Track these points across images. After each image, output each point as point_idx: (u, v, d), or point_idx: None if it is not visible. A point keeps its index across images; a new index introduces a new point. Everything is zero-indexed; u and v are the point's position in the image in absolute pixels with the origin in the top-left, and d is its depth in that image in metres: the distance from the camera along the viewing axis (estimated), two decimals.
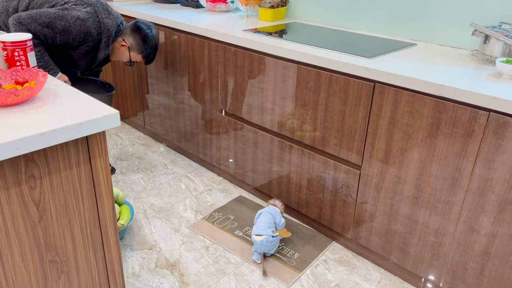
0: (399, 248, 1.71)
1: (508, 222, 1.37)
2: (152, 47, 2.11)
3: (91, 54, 2.02)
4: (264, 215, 1.87)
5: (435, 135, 1.45)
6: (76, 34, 1.87)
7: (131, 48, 2.07)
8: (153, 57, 2.15)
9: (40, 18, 1.80)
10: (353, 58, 1.65)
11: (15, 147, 0.91)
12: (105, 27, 1.95)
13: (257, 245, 1.79)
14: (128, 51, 2.07)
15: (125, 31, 2.06)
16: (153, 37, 2.11)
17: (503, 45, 1.60)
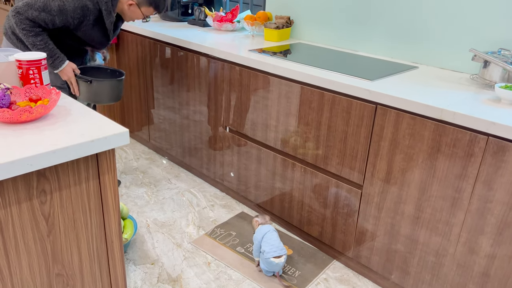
0: (400, 268, 1.72)
1: (507, 244, 1.39)
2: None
3: (98, 26, 1.99)
4: (272, 234, 1.87)
5: (435, 157, 1.48)
6: (73, 12, 1.85)
7: (139, 4, 2.03)
8: (164, 3, 2.09)
9: (35, 3, 1.79)
10: (356, 80, 1.70)
11: (29, 163, 0.94)
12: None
13: (277, 267, 1.81)
14: (138, 7, 2.04)
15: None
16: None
17: (502, 70, 1.64)
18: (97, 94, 2.03)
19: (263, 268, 1.86)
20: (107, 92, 2.05)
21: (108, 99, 2.08)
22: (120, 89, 2.12)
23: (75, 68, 1.99)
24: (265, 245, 1.83)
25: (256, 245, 1.87)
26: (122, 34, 2.88)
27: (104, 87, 2.04)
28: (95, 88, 2.01)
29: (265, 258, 1.81)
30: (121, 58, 3.00)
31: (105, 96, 2.05)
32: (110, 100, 2.09)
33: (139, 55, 2.78)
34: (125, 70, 2.99)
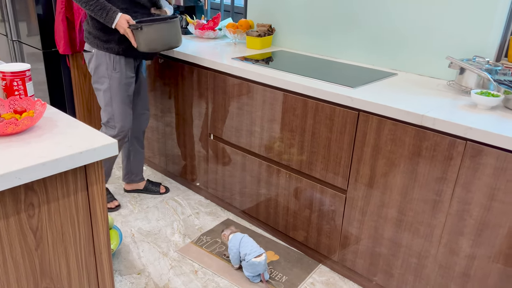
0: (384, 270, 1.76)
1: (485, 245, 1.44)
2: None
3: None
4: (248, 238, 1.90)
5: (416, 161, 1.53)
6: None
7: None
8: None
9: None
10: (338, 87, 1.74)
11: (17, 177, 0.93)
12: None
13: (260, 266, 1.83)
14: None
15: None
16: None
17: (477, 77, 1.71)
18: (151, 40, 1.95)
19: (249, 275, 1.87)
20: (160, 36, 1.97)
21: (163, 44, 1.99)
22: (174, 32, 2.02)
23: (129, 19, 1.95)
24: (243, 249, 1.86)
25: (234, 253, 1.89)
26: None
27: (155, 31, 1.95)
28: (146, 34, 1.93)
29: (246, 262, 1.83)
30: None
31: (160, 41, 1.97)
32: (165, 45, 2.01)
33: None
34: None
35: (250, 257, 1.82)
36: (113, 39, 2.04)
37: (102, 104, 2.15)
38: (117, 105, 2.13)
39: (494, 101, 1.52)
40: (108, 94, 2.11)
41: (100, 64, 2.09)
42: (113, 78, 2.10)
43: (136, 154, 2.48)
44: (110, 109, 2.13)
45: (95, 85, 2.15)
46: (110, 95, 2.11)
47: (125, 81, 2.13)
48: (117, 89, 2.12)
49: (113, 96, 2.12)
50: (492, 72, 1.69)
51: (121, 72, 2.10)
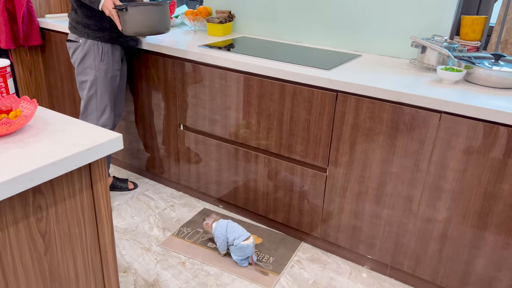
0: (366, 242, 1.87)
1: (460, 208, 1.59)
2: None
3: None
4: (233, 223, 1.92)
5: (394, 136, 1.64)
6: None
7: None
8: None
9: None
10: (314, 70, 1.79)
11: (29, 179, 0.88)
12: None
13: (249, 249, 1.86)
14: None
15: None
16: None
17: (438, 54, 1.85)
18: (136, 22, 1.87)
19: (238, 259, 1.90)
20: (146, 19, 1.88)
21: (149, 27, 1.91)
22: (162, 17, 1.94)
23: (116, 0, 1.87)
24: (231, 235, 1.88)
25: (222, 240, 1.90)
26: (49, 34, 2.69)
27: (141, 13, 1.87)
28: (132, 15, 1.85)
29: (235, 246, 1.86)
30: (49, 62, 2.80)
31: (146, 25, 1.89)
32: (152, 29, 1.92)
33: None
34: (56, 75, 2.79)
35: (239, 241, 1.84)
36: (105, 27, 2.00)
37: (85, 97, 2.08)
38: (101, 99, 2.08)
39: (458, 75, 1.66)
40: (94, 87, 2.04)
41: (87, 54, 2.02)
42: (100, 70, 2.04)
43: None
44: (94, 102, 2.06)
45: (79, 77, 2.08)
46: (96, 88, 2.05)
47: (112, 73, 2.08)
48: (102, 82, 2.06)
49: (98, 89, 2.05)
50: (450, 49, 1.83)
51: (108, 64, 2.05)
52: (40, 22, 2.69)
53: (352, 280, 1.87)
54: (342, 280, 1.87)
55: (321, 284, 1.84)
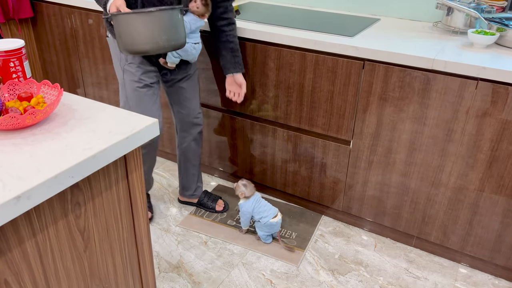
0: (391, 214, 1.84)
1: (494, 177, 1.55)
2: None
3: None
4: (261, 201, 1.85)
5: (426, 105, 1.57)
6: None
7: None
8: None
9: None
10: (338, 38, 1.69)
11: (70, 175, 0.80)
12: None
13: (277, 226, 1.83)
14: None
15: None
16: None
17: (465, 16, 1.76)
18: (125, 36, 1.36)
19: (263, 235, 1.86)
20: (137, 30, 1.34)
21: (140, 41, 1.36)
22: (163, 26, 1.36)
23: (120, 5, 1.38)
24: (259, 213, 1.82)
25: (246, 217, 1.86)
26: (40, 5, 2.50)
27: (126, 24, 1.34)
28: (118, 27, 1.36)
29: (263, 223, 1.81)
30: (42, 36, 2.62)
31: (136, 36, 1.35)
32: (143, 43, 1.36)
33: (66, 31, 2.44)
34: (50, 49, 2.62)
35: (268, 219, 1.79)
36: None
37: (121, 101, 1.74)
38: (134, 106, 1.67)
39: (491, 39, 1.58)
40: (124, 91, 1.69)
41: (114, 54, 1.69)
42: (126, 72, 1.65)
43: (187, 168, 2.04)
44: (127, 108, 1.71)
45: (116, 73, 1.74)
46: (126, 94, 1.68)
47: (138, 84, 1.65)
48: (130, 88, 1.66)
49: (128, 95, 1.67)
50: (478, 11, 1.74)
51: (135, 69, 1.64)
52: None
53: (378, 252, 1.85)
54: (368, 252, 1.85)
55: (347, 258, 1.82)
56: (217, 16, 1.75)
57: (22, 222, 0.78)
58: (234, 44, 1.78)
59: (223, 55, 1.80)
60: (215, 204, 2.08)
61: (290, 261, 1.79)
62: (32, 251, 0.81)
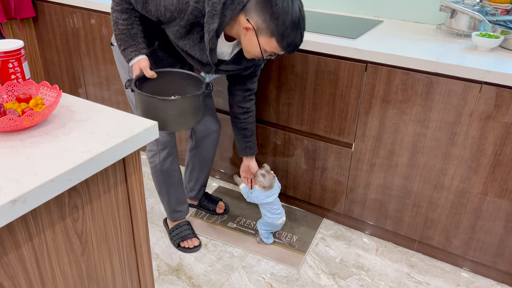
0: (393, 217, 1.82)
1: (497, 182, 1.53)
2: (287, 22, 1.28)
3: (195, 35, 1.37)
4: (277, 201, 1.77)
5: (429, 108, 1.55)
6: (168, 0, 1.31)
7: (258, 30, 1.31)
8: (294, 40, 1.32)
9: None
10: (340, 39, 1.68)
11: (67, 179, 0.78)
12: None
13: (280, 226, 1.81)
14: (256, 35, 1.33)
15: (250, 6, 1.31)
16: (288, 7, 1.28)
17: (469, 19, 1.74)
18: (145, 112, 1.35)
19: (264, 232, 1.83)
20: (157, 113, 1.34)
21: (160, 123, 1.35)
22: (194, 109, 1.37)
23: (144, 68, 1.37)
24: (269, 211, 1.76)
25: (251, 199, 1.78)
26: (42, 5, 2.50)
27: (141, 102, 1.34)
28: (141, 102, 1.34)
29: (268, 222, 1.78)
30: (43, 35, 2.62)
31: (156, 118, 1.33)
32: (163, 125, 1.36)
33: (68, 30, 2.44)
34: (51, 49, 2.62)
35: (274, 220, 1.76)
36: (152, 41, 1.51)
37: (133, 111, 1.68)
38: None
39: (496, 42, 1.56)
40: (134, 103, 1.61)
41: (120, 64, 1.63)
42: None
43: (197, 172, 1.99)
44: None
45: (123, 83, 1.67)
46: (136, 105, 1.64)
47: None
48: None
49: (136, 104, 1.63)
50: (482, 13, 1.72)
51: None
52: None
53: (380, 256, 1.84)
54: (369, 256, 1.83)
55: (348, 262, 1.80)
56: (234, 104, 1.69)
57: (18, 226, 0.77)
58: (248, 130, 1.73)
59: (236, 137, 1.78)
60: (215, 206, 2.06)
61: (290, 265, 1.77)
62: (29, 255, 0.80)
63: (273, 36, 1.31)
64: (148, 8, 1.35)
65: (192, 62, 1.49)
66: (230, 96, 1.69)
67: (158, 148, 1.69)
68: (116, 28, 1.39)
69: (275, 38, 1.31)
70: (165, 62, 1.56)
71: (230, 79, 1.67)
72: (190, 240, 1.84)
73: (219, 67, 1.51)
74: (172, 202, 1.82)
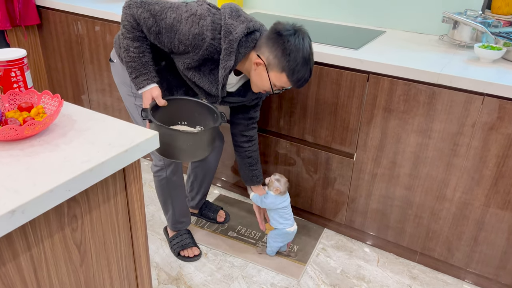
0: (395, 228, 1.81)
1: (500, 194, 1.52)
2: (299, 59, 1.31)
3: (207, 69, 1.40)
4: (289, 207, 1.76)
5: (431, 119, 1.55)
6: (183, 34, 1.32)
7: (268, 66, 1.35)
8: (304, 75, 1.35)
9: (151, 3, 1.35)
10: (343, 50, 1.68)
11: (67, 189, 0.78)
12: (226, 29, 1.32)
13: (292, 236, 1.78)
14: (266, 70, 1.37)
15: (261, 43, 1.37)
16: (300, 44, 1.32)
17: (471, 30, 1.74)
18: (162, 143, 1.34)
19: (275, 246, 1.80)
20: (176, 144, 1.35)
21: (178, 154, 1.37)
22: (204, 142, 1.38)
23: (157, 97, 1.40)
24: (282, 216, 1.73)
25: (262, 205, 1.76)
26: (46, 12, 2.52)
27: (170, 136, 1.34)
28: (162, 134, 1.33)
29: (280, 229, 1.74)
30: (48, 42, 2.63)
31: (174, 149, 1.36)
32: (180, 156, 1.38)
33: (72, 38, 2.45)
34: (55, 56, 2.63)
35: (285, 226, 1.73)
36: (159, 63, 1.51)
37: None
38: None
39: (498, 54, 1.56)
40: (139, 117, 1.64)
41: (121, 80, 1.61)
42: (139, 97, 1.59)
43: (199, 182, 1.98)
44: None
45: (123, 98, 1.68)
46: (137, 121, 1.65)
47: None
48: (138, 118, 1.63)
49: (140, 121, 1.63)
50: (485, 25, 1.72)
51: None
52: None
53: (381, 268, 1.82)
54: (370, 268, 1.82)
55: (349, 273, 1.79)
56: (237, 133, 1.69)
57: (17, 236, 0.77)
58: (253, 158, 1.72)
59: (240, 167, 1.76)
60: (216, 214, 2.05)
61: (291, 275, 1.76)
62: (27, 265, 0.80)
63: (283, 71, 1.34)
64: (161, 40, 1.36)
65: (197, 90, 1.50)
66: (232, 125, 1.70)
67: (165, 163, 1.67)
68: (127, 56, 1.39)
69: (285, 73, 1.34)
70: (170, 83, 1.56)
71: (233, 109, 1.68)
72: (190, 249, 1.83)
73: (224, 98, 1.53)
74: (176, 214, 1.82)
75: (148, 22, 1.35)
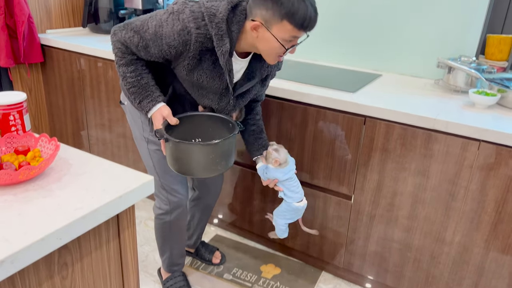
0: (394, 271, 1.77)
1: (500, 240, 1.50)
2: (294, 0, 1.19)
3: (208, 63, 1.32)
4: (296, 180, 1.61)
5: (428, 163, 1.55)
6: (168, 36, 1.26)
7: (266, 23, 1.24)
8: (306, 12, 1.20)
9: (133, 22, 1.32)
10: (339, 93, 1.70)
11: (58, 238, 0.77)
12: (208, 12, 1.24)
13: (301, 212, 1.63)
14: (267, 29, 1.24)
15: (250, 8, 1.27)
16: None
17: (466, 75, 1.78)
18: (181, 160, 1.32)
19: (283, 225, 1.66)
20: (197, 159, 1.31)
21: (199, 169, 1.33)
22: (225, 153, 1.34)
23: (167, 116, 1.35)
24: (289, 189, 1.59)
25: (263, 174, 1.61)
26: (50, 50, 2.57)
27: (176, 149, 1.31)
28: (177, 151, 1.31)
29: (289, 204, 1.61)
30: (50, 80, 2.68)
31: (195, 165, 1.32)
32: (202, 171, 1.34)
33: (74, 75, 2.49)
34: (57, 93, 2.67)
35: (294, 199, 1.60)
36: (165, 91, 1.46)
37: (148, 171, 1.63)
38: (162, 175, 1.58)
39: (493, 100, 1.58)
40: (150, 161, 1.59)
41: (133, 122, 1.57)
42: (151, 142, 1.55)
43: (196, 221, 1.95)
44: (156, 178, 1.59)
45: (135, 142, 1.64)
46: (152, 164, 1.58)
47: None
48: (157, 158, 1.56)
49: (155, 164, 1.58)
50: (479, 71, 1.76)
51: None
52: (41, 38, 2.58)
53: None
54: None
55: None
56: None
57: (4, 285, 0.75)
58: (257, 126, 1.61)
59: (245, 139, 1.64)
60: (212, 256, 2.01)
61: None
62: None
63: (283, 18, 1.21)
64: (151, 52, 1.32)
65: (208, 101, 1.43)
66: None
67: (171, 207, 1.62)
68: (126, 83, 1.37)
69: (286, 19, 1.21)
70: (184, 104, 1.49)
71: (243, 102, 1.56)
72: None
73: (236, 91, 1.42)
74: (173, 256, 1.78)
75: (134, 40, 1.31)
